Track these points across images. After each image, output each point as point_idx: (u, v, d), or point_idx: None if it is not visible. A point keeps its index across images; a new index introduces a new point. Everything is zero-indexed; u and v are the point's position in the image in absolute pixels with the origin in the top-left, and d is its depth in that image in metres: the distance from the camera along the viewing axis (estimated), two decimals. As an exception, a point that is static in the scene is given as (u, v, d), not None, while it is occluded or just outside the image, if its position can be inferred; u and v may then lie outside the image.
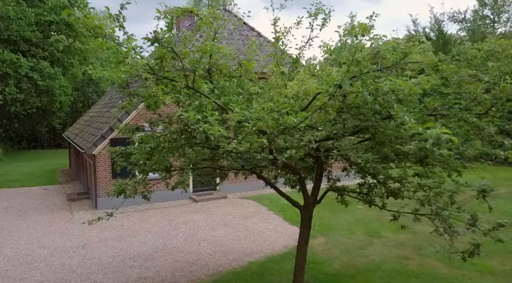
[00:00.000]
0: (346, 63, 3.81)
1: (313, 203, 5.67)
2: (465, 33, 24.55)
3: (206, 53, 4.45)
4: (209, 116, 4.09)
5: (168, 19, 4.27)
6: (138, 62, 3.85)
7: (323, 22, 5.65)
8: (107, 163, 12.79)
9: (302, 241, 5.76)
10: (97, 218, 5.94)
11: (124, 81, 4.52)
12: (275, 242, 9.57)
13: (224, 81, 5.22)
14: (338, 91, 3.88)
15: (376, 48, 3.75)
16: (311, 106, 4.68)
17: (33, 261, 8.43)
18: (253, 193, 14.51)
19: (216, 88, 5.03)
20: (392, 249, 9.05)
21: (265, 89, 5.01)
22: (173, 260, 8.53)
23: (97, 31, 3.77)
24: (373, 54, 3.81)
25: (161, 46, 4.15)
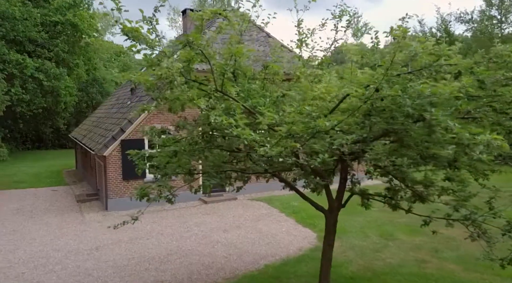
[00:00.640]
0: (383, 66, 3.75)
1: (338, 207, 5.61)
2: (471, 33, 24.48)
3: (236, 55, 4.39)
4: (239, 120, 4.04)
5: (199, 21, 4.21)
6: (174, 65, 3.78)
7: (348, 24, 5.59)
8: (118, 164, 12.75)
9: (327, 245, 5.70)
10: (122, 222, 5.86)
11: (153, 84, 4.45)
12: (289, 245, 9.50)
13: (249, 83, 5.17)
14: (375, 95, 3.81)
15: (413, 51, 3.68)
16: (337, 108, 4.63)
17: (48, 263, 8.38)
18: (263, 195, 14.44)
19: (241, 91, 4.98)
20: (408, 252, 8.98)
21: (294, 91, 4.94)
22: (189, 263, 8.48)
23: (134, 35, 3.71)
24: (410, 56, 3.74)
25: (191, 49, 4.09)
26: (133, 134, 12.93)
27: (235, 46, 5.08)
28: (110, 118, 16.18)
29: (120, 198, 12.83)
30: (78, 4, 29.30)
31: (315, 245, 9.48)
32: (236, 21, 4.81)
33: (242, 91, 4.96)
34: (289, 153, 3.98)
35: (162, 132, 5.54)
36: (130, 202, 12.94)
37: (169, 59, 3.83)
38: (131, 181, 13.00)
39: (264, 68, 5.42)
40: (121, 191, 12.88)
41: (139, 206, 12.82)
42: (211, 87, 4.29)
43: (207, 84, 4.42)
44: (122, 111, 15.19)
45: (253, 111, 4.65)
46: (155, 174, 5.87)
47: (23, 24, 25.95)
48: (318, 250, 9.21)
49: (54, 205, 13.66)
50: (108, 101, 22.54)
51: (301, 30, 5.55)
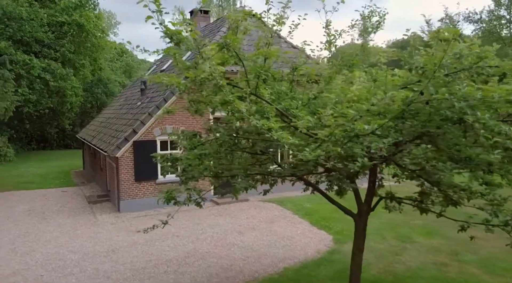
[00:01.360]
0: (425, 67, 3.67)
1: (367, 211, 5.54)
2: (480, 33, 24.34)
3: (271, 57, 4.32)
4: (274, 123, 3.97)
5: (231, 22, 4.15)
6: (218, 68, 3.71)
7: (377, 25, 5.52)
8: (130, 165, 12.69)
9: (357, 250, 5.62)
10: (152, 226, 5.80)
11: (187, 87, 4.38)
12: (306, 247, 9.43)
13: (279, 86, 5.10)
14: (419, 97, 3.74)
15: (458, 53, 3.61)
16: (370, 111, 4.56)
17: (66, 266, 8.33)
18: (274, 196, 14.34)
19: (271, 94, 4.91)
20: (427, 255, 8.90)
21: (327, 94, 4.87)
22: (207, 265, 8.41)
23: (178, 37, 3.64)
24: (455, 58, 3.67)
25: (228, 51, 4.02)
26: (145, 135, 12.88)
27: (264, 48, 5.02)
28: (119, 119, 16.13)
29: (132, 199, 12.78)
30: (84, 5, 29.31)
31: (333, 248, 9.41)
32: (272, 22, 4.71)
33: (272, 93, 4.89)
34: (328, 157, 3.91)
35: (193, 135, 5.43)
36: (142, 203, 12.94)
37: (212, 61, 3.76)
38: (143, 182, 12.94)
39: (292, 70, 5.35)
40: (133, 192, 12.82)
41: (151, 208, 12.86)
42: (246, 90, 4.22)
43: (241, 87, 4.35)
44: (132, 112, 15.14)
45: (286, 114, 4.59)
46: (181, 176, 5.79)
47: (30, 25, 25.95)
48: (336, 253, 9.16)
49: (66, 206, 13.61)
50: (116, 102, 22.49)
51: (329, 31, 5.48)
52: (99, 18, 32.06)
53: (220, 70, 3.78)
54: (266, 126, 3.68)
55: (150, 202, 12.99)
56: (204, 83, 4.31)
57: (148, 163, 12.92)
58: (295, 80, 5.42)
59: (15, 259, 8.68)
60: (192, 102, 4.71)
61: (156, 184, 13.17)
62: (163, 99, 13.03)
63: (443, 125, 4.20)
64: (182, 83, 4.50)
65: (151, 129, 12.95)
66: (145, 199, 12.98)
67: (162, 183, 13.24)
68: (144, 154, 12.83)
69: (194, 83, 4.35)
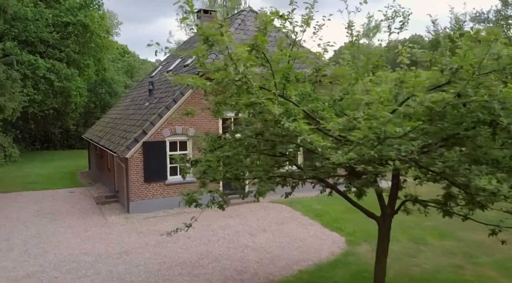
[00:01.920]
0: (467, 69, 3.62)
1: (391, 214, 5.48)
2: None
3: (299, 59, 4.27)
4: (303, 125, 3.92)
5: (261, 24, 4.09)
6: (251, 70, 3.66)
7: (401, 25, 5.47)
8: (139, 166, 12.65)
9: (381, 254, 5.57)
10: (175, 229, 5.76)
11: (214, 88, 4.33)
12: (320, 249, 9.37)
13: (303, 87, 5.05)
14: (455, 99, 3.69)
15: (495, 54, 3.56)
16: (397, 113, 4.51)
17: (80, 268, 8.28)
18: (283, 197, 14.29)
19: (296, 95, 4.86)
20: (442, 257, 8.84)
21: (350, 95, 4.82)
22: (221, 267, 8.36)
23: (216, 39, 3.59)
24: (493, 59, 3.62)
25: (257, 53, 3.97)
26: (154, 136, 12.83)
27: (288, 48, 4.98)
28: (127, 119, 16.08)
29: (141, 200, 12.73)
30: (88, 5, 29.28)
31: (346, 250, 9.35)
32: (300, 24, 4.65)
33: (296, 95, 4.84)
34: (359, 160, 3.86)
35: (218, 137, 5.37)
36: (151, 204, 12.89)
37: (246, 63, 3.71)
38: (153, 183, 12.89)
39: (315, 71, 5.30)
40: (143, 193, 12.78)
41: (161, 209, 12.81)
42: (275, 92, 4.16)
43: (268, 89, 4.30)
44: (141, 113, 15.10)
45: (312, 116, 4.54)
46: (201, 178, 5.74)
47: (35, 25, 25.92)
48: (350, 255, 9.11)
49: (74, 207, 13.57)
50: (122, 102, 22.45)
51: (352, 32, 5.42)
52: (103, 18, 32.04)
53: (254, 71, 3.72)
54: (298, 129, 3.63)
55: (159, 203, 12.96)
56: (230, 85, 4.27)
57: (158, 164, 12.97)
58: (317, 81, 5.37)
59: (28, 261, 8.64)
60: (218, 104, 4.64)
61: (165, 185, 13.12)
62: (173, 100, 12.99)
63: (475, 127, 4.15)
64: (208, 85, 4.45)
65: (161, 130, 12.91)
66: (154, 200, 12.94)
67: (171, 184, 13.20)
68: (153, 155, 12.81)
69: (221, 85, 4.31)
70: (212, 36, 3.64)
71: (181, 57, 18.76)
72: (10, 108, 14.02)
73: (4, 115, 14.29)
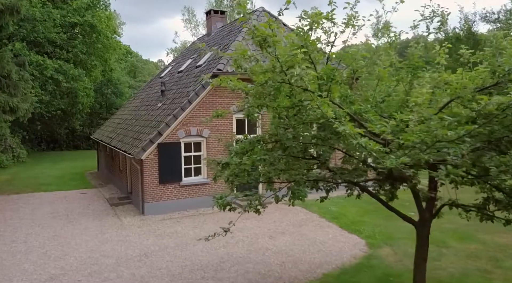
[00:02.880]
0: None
1: (429, 218, 5.37)
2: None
3: (345, 61, 4.17)
4: (351, 128, 3.82)
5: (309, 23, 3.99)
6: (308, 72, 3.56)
7: (439, 25, 5.36)
8: (155, 168, 12.56)
9: (420, 259, 5.46)
10: (213, 233, 5.66)
11: (258, 91, 4.23)
12: (341, 252, 9.26)
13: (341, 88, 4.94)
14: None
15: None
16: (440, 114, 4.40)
17: (102, 271, 8.19)
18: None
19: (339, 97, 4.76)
20: (467, 261, 8.72)
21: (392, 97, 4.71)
22: (244, 271, 8.26)
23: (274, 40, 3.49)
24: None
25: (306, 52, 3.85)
26: (169, 137, 12.75)
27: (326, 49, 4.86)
28: (139, 120, 16.01)
29: (156, 202, 12.64)
30: (95, 5, 29.25)
31: (368, 253, 9.24)
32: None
33: (339, 97, 4.73)
34: (414, 164, 3.75)
35: (257, 141, 5.25)
36: (166, 206, 12.80)
37: (302, 65, 3.60)
38: (168, 185, 12.80)
39: (353, 72, 5.19)
40: (158, 195, 12.69)
41: (176, 211, 12.72)
42: (322, 94, 4.05)
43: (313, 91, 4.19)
44: (153, 114, 15.02)
45: (356, 118, 4.43)
46: (232, 181, 5.65)
47: (43, 25, 25.90)
48: (373, 258, 8.99)
49: (88, 208, 13.49)
50: (131, 103, 22.37)
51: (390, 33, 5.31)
52: (110, 19, 32.00)
53: (313, 74, 3.62)
54: (352, 132, 3.53)
55: (174, 205, 12.87)
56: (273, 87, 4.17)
57: (172, 165, 12.88)
58: (354, 82, 5.27)
59: (49, 264, 8.56)
60: (259, 107, 4.54)
61: (180, 186, 13.03)
62: (188, 101, 12.90)
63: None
64: (249, 87, 4.35)
65: (176, 131, 12.82)
66: (169, 201, 12.85)
67: (186, 186, 13.12)
68: (168, 156, 12.72)
69: (264, 87, 4.21)
70: (269, 37, 3.53)
71: (191, 58, 18.68)
72: (23, 109, 13.94)
73: (16, 116, 14.21)
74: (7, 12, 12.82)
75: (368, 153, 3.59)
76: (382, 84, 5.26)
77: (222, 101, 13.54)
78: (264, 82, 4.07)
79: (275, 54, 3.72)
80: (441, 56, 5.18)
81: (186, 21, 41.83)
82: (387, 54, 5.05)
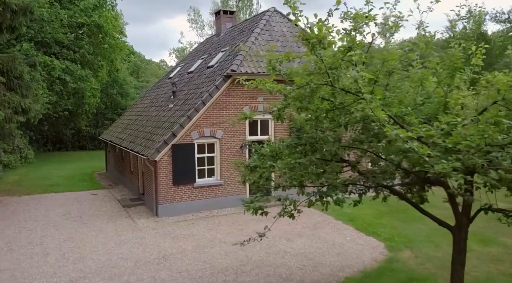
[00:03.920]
0: None
1: (467, 223, 5.26)
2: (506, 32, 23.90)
3: (388, 61, 4.07)
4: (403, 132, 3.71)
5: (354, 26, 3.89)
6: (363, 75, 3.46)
7: (477, 25, 5.23)
8: (168, 169, 12.48)
9: (458, 265, 5.36)
10: (248, 239, 5.57)
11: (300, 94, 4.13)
12: (361, 255, 9.16)
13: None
14: None
15: None
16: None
17: (121, 274, 8.11)
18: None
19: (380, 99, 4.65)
20: (490, 264, 8.60)
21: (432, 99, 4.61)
22: (265, 274, 8.16)
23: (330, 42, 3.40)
24: None
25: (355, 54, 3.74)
26: (183, 138, 12.66)
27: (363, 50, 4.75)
28: (150, 121, 15.93)
29: (170, 204, 12.55)
30: (102, 5, 29.19)
31: (389, 256, 9.13)
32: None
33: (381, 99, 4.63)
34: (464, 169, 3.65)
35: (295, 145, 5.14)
36: (180, 208, 12.72)
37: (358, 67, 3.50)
38: (181, 186, 12.72)
39: (388, 74, 5.08)
40: (171, 196, 12.60)
41: (189, 212, 12.64)
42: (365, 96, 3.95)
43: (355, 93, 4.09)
44: (165, 115, 14.94)
45: (397, 121, 4.33)
46: (264, 185, 5.55)
47: (51, 26, 25.85)
48: (394, 261, 8.88)
49: (101, 210, 13.41)
50: (139, 103, 22.31)
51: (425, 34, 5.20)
52: (116, 19, 31.95)
53: (368, 77, 3.52)
54: (405, 136, 3.42)
55: (188, 206, 12.79)
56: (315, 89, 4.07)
57: (186, 167, 12.79)
58: (389, 84, 5.16)
59: (67, 266, 8.48)
60: (299, 109, 4.44)
61: (194, 188, 12.95)
62: (202, 102, 12.81)
63: None
64: (288, 89, 4.26)
65: (189, 132, 12.73)
66: (182, 203, 12.76)
67: (199, 187, 13.03)
68: (182, 157, 12.63)
69: (305, 89, 4.11)
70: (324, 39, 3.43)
71: (201, 58, 18.60)
72: (35, 110, 13.88)
73: (28, 116, 14.14)
74: (20, 12, 12.75)
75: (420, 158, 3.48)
76: (416, 86, 5.15)
77: (236, 102, 13.45)
78: (305, 84, 3.97)
79: (321, 55, 3.62)
80: (477, 56, 5.08)
81: (191, 21, 41.65)
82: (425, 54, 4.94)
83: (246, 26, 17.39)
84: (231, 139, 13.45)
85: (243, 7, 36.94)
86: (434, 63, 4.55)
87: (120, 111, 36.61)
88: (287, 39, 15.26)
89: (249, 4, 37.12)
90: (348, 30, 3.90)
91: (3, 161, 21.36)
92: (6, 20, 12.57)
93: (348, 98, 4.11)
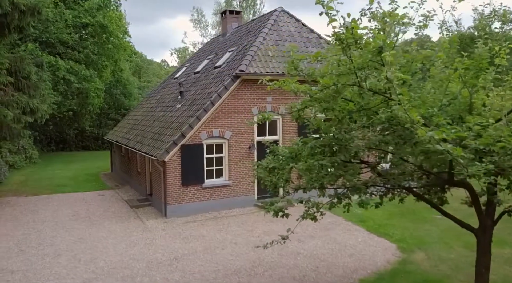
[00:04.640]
0: None
1: (491, 225, 5.19)
2: None
3: (416, 61, 4.01)
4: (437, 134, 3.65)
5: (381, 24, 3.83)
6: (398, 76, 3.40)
7: (501, 24, 5.17)
8: (177, 170, 12.43)
9: (483, 268, 5.29)
10: (271, 241, 5.51)
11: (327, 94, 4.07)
12: (374, 257, 9.09)
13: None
14: None
15: None
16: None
17: (134, 275, 8.06)
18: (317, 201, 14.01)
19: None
20: (505, 267, 8.53)
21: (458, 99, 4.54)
22: (279, 276, 8.11)
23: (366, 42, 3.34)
24: None
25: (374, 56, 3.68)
26: (192, 139, 12.61)
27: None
28: (157, 121, 15.88)
29: (179, 204, 12.50)
30: (106, 5, 29.18)
31: (402, 258, 9.06)
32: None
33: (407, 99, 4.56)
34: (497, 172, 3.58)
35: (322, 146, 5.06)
36: (188, 208, 12.67)
37: (392, 67, 3.44)
38: (190, 186, 12.67)
39: (412, 75, 5.01)
40: (180, 197, 12.55)
41: (198, 213, 12.60)
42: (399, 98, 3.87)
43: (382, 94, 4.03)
44: (172, 115, 14.89)
45: (426, 123, 4.26)
46: (284, 187, 5.49)
47: (55, 26, 25.83)
48: (407, 263, 8.81)
49: (109, 210, 13.37)
50: (144, 104, 22.26)
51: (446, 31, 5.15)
52: (120, 19, 31.94)
53: (403, 77, 3.47)
54: (438, 138, 3.36)
55: (196, 207, 12.74)
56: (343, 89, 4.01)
57: (195, 167, 12.75)
58: (411, 84, 5.09)
59: (79, 267, 8.43)
60: (325, 110, 4.37)
61: (202, 188, 12.90)
62: (211, 102, 12.76)
63: None
64: (313, 90, 4.20)
65: (198, 133, 12.68)
66: (191, 204, 12.71)
67: (208, 188, 12.98)
68: (191, 158, 12.59)
69: (332, 89, 4.05)
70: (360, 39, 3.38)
71: (208, 58, 18.55)
72: (43, 110, 13.85)
73: (35, 117, 14.12)
74: (28, 13, 12.72)
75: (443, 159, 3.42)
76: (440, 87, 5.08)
77: (244, 102, 13.40)
78: (332, 84, 3.91)
79: (350, 56, 3.56)
80: (502, 56, 5.01)
81: (195, 22, 41.60)
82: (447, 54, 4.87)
83: (253, 26, 17.33)
84: (239, 139, 13.40)
85: (247, 7, 36.90)
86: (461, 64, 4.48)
87: (123, 111, 36.58)
88: (295, 39, 15.20)
89: (252, 4, 37.08)
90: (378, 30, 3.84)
91: (9, 162, 21.34)
92: (14, 20, 12.54)
93: (375, 99, 4.05)
